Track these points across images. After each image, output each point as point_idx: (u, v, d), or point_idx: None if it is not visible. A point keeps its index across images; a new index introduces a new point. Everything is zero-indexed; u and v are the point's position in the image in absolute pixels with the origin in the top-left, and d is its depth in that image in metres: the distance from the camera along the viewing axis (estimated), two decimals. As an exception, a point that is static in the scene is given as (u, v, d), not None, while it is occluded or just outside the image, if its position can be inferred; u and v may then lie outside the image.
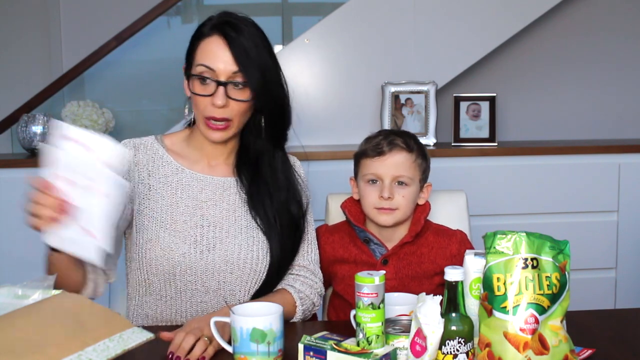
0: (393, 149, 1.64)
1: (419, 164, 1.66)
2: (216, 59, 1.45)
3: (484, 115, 2.82)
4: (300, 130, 2.82)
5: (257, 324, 1.21)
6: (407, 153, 1.64)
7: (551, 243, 1.15)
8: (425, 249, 1.67)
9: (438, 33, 2.84)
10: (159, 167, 1.55)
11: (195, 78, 1.47)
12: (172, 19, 3.21)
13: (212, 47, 1.46)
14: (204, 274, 1.51)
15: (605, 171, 2.68)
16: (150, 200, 1.53)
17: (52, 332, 1.11)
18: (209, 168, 1.59)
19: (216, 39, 1.46)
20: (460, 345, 1.11)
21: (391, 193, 1.62)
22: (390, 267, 1.65)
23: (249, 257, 1.53)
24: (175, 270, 1.50)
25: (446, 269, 1.13)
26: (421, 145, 1.70)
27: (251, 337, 1.20)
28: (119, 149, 1.23)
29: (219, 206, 1.55)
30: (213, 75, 1.45)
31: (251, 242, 1.54)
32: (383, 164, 1.63)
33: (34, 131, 2.72)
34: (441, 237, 1.69)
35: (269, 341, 1.21)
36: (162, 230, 1.51)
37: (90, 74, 3.01)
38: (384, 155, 1.64)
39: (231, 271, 1.52)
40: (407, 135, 1.69)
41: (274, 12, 3.28)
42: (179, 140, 1.61)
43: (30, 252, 2.56)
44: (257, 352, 1.21)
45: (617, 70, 3.09)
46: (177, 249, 1.49)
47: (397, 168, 1.63)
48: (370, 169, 1.65)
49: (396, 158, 1.63)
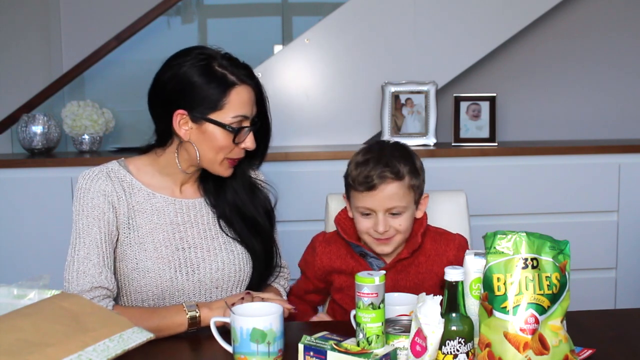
0: (383, 182, 1.54)
1: (412, 186, 1.58)
2: (250, 106, 1.52)
3: (484, 115, 2.82)
4: (300, 130, 2.83)
5: (257, 324, 1.21)
6: (398, 182, 1.55)
7: (551, 243, 1.15)
8: (422, 257, 1.64)
9: (438, 33, 2.84)
10: (131, 194, 1.54)
11: (237, 130, 1.49)
12: (172, 19, 3.21)
13: (247, 96, 1.51)
14: (192, 294, 1.54)
15: (605, 171, 2.68)
16: (130, 229, 1.52)
17: (52, 332, 1.11)
18: (178, 192, 1.60)
19: (246, 87, 1.51)
20: (460, 345, 1.11)
21: (386, 226, 1.56)
22: (388, 280, 1.57)
23: (233, 270, 1.57)
24: (164, 295, 1.52)
25: (446, 269, 1.13)
26: (412, 162, 1.60)
27: (251, 337, 1.21)
28: None
29: (195, 228, 1.57)
30: (246, 122, 1.52)
31: (232, 256, 1.57)
32: (374, 198, 1.55)
33: (34, 131, 2.72)
34: (438, 244, 1.65)
35: (269, 341, 1.21)
36: (146, 257, 1.51)
37: (90, 74, 3.01)
38: (374, 190, 1.55)
39: (217, 287, 1.56)
40: (396, 157, 1.58)
41: (274, 12, 3.27)
42: (143, 165, 1.59)
43: (30, 252, 2.57)
44: (257, 352, 1.21)
45: (617, 70, 3.09)
46: (164, 274, 1.51)
47: (390, 200, 1.55)
48: (362, 202, 1.57)
49: (387, 191, 1.55)
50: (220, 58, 1.51)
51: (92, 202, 1.49)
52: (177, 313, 1.43)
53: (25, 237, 2.57)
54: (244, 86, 1.50)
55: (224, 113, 1.48)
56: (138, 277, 1.50)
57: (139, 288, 1.50)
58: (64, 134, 2.83)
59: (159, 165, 1.58)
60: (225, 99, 1.47)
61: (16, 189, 2.56)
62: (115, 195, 1.51)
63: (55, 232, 2.55)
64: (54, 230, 2.55)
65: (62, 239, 2.55)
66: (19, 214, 2.56)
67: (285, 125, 2.76)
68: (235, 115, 1.48)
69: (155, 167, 1.58)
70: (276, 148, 1.78)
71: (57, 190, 2.55)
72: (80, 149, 2.79)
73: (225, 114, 1.48)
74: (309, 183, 2.54)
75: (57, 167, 2.57)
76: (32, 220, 2.56)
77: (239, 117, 1.48)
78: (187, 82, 1.48)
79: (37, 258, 2.56)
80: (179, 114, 1.49)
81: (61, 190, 2.55)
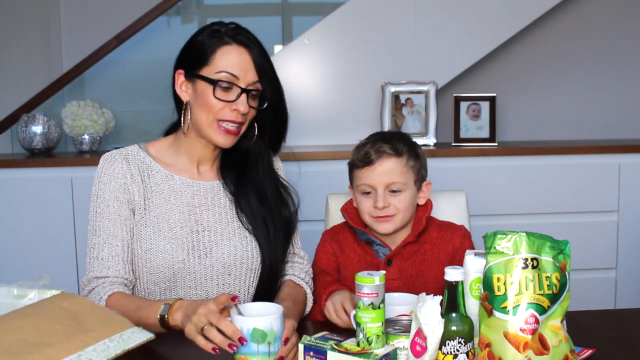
0: (381, 157, 1.60)
1: (411, 166, 1.63)
2: (240, 68, 1.49)
3: (484, 115, 2.82)
4: (300, 130, 2.83)
5: (258, 324, 1.21)
6: (396, 158, 1.60)
7: (551, 243, 1.15)
8: (428, 245, 1.67)
9: (438, 33, 2.84)
10: (149, 176, 1.56)
11: (218, 83, 1.48)
12: (172, 19, 3.21)
13: (236, 56, 1.49)
14: (203, 279, 1.53)
15: (605, 171, 2.68)
16: (146, 210, 1.54)
17: (52, 332, 1.11)
18: (197, 174, 1.60)
19: (238, 48, 1.50)
20: (460, 345, 1.11)
21: (385, 202, 1.60)
22: (395, 267, 1.64)
23: (245, 257, 1.56)
24: (176, 278, 1.52)
25: (446, 269, 1.13)
26: (412, 145, 1.66)
27: (252, 337, 1.20)
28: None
29: (211, 210, 1.57)
30: (236, 82, 1.49)
31: (245, 242, 1.57)
32: (372, 173, 1.60)
33: (34, 131, 2.72)
34: (444, 232, 1.68)
35: (269, 341, 1.21)
36: (160, 238, 1.51)
37: (90, 74, 3.01)
38: (372, 165, 1.60)
39: (229, 273, 1.55)
40: (396, 138, 1.64)
41: (274, 12, 3.27)
42: (163, 147, 1.62)
43: (30, 252, 2.57)
44: (257, 352, 1.21)
45: (617, 70, 3.09)
46: (176, 255, 1.51)
47: (388, 175, 1.60)
48: (362, 179, 1.62)
49: (385, 165, 1.60)
50: (224, 24, 1.53)
51: (106, 187, 1.53)
52: (150, 306, 1.39)
53: (25, 237, 2.57)
54: (236, 46, 1.49)
55: (210, 68, 1.49)
56: (152, 257, 1.50)
57: (152, 269, 1.51)
58: (64, 134, 2.83)
59: (177, 145, 1.60)
60: (213, 55, 1.49)
61: (16, 189, 2.56)
62: (130, 177, 1.54)
63: (55, 232, 2.55)
64: (54, 230, 2.55)
65: (62, 239, 2.57)
66: (19, 214, 2.56)
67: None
68: (219, 71, 1.48)
69: (175, 148, 1.60)
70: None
71: (57, 190, 2.55)
72: (80, 149, 2.79)
73: (211, 69, 1.49)
74: (309, 183, 2.53)
75: (57, 167, 2.58)
76: (32, 220, 2.56)
77: (223, 72, 1.48)
78: (188, 43, 1.55)
79: (37, 258, 2.56)
80: (179, 74, 1.54)
81: (61, 190, 2.55)
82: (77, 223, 2.55)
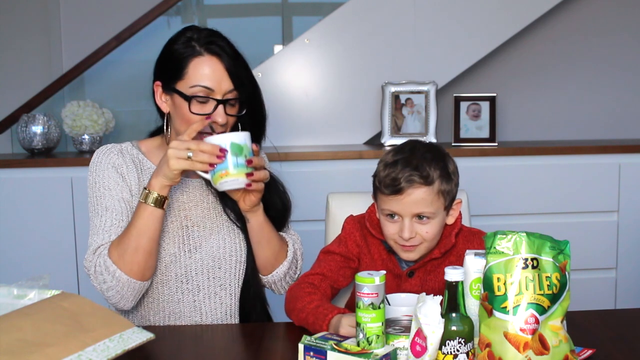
0: (411, 187, 1.45)
1: (443, 191, 1.48)
2: (214, 79, 1.49)
3: (484, 115, 2.82)
4: (300, 130, 2.83)
5: (234, 138, 1.37)
6: (427, 187, 1.46)
7: (551, 243, 1.15)
8: (453, 257, 1.56)
9: (438, 33, 2.84)
10: (142, 170, 1.58)
11: (193, 99, 1.48)
12: (172, 19, 3.21)
13: (209, 67, 1.49)
14: (194, 272, 1.55)
15: (605, 171, 2.68)
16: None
17: (52, 332, 1.11)
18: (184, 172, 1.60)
19: (210, 58, 1.49)
20: (460, 345, 1.11)
21: (412, 232, 1.47)
22: (417, 280, 1.56)
23: (234, 250, 1.59)
24: (167, 271, 1.53)
25: (446, 269, 1.13)
26: (444, 165, 1.50)
27: (231, 150, 1.36)
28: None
29: (199, 206, 1.60)
30: (210, 94, 1.49)
31: (233, 235, 1.59)
32: (400, 202, 1.46)
33: (34, 131, 2.72)
34: (471, 243, 1.57)
35: (245, 154, 1.37)
36: None
37: (90, 74, 3.01)
38: (400, 194, 1.45)
39: (219, 267, 1.58)
40: (427, 160, 1.48)
41: (274, 12, 3.27)
42: (153, 147, 1.64)
43: (30, 252, 2.57)
44: (236, 164, 1.37)
45: (617, 70, 3.09)
46: (168, 249, 1.53)
47: (417, 206, 1.46)
48: (388, 205, 1.49)
49: (414, 196, 1.45)
50: (196, 30, 1.53)
51: (104, 174, 1.54)
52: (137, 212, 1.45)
53: (25, 237, 2.57)
54: (209, 57, 1.49)
55: (185, 82, 1.49)
56: None
57: None
58: (64, 134, 2.83)
59: (165, 147, 1.59)
60: (186, 69, 1.49)
61: (16, 189, 2.56)
62: (126, 168, 1.55)
63: (55, 232, 2.55)
64: (54, 230, 2.55)
65: (62, 239, 2.57)
66: (19, 214, 2.56)
67: (285, 125, 2.77)
68: (193, 85, 1.48)
69: (163, 149, 1.61)
70: (276, 148, 1.78)
71: (57, 190, 2.55)
72: (80, 149, 2.79)
73: (185, 83, 1.49)
74: (309, 183, 2.53)
75: (57, 167, 2.58)
76: (32, 220, 2.56)
77: (197, 86, 1.48)
78: (163, 53, 1.56)
79: (37, 258, 2.56)
80: (157, 86, 1.56)
81: (61, 190, 2.55)
82: (77, 223, 2.55)
